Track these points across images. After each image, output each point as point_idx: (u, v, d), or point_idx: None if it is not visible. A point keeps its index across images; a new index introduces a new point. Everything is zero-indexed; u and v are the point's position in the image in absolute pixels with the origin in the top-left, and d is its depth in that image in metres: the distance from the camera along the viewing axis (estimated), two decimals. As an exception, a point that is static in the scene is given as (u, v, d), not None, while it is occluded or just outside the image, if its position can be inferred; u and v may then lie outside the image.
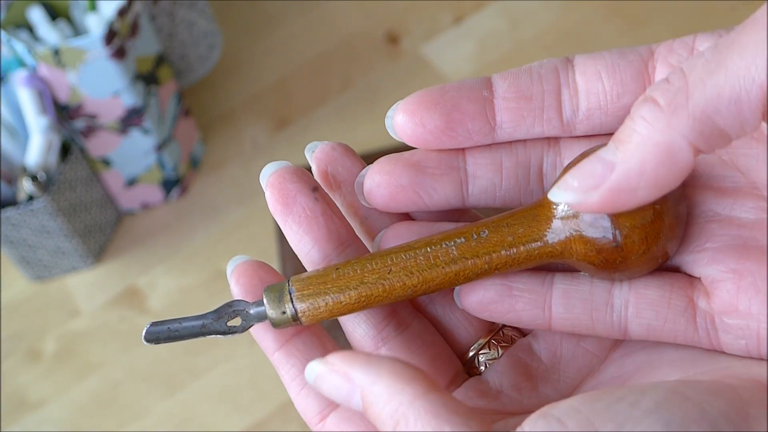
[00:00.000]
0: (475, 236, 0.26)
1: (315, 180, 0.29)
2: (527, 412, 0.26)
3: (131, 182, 0.81)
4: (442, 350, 0.29)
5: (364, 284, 0.27)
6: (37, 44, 0.72)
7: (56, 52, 0.69)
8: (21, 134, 0.74)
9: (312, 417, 0.28)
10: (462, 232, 0.27)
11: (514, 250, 0.26)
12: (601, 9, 0.86)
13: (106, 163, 0.78)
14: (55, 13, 0.75)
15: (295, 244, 0.28)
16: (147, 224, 0.83)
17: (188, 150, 0.83)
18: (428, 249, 0.27)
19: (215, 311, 0.28)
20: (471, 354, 0.29)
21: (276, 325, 0.27)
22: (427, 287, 0.27)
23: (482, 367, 0.29)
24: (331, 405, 0.28)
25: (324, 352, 0.29)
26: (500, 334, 0.29)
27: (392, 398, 0.24)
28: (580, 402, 0.23)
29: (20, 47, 0.70)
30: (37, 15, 0.73)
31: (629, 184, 0.24)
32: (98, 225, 0.80)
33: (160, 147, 0.79)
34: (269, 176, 0.28)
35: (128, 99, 0.73)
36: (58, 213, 0.74)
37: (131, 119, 0.75)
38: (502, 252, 0.26)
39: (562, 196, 0.25)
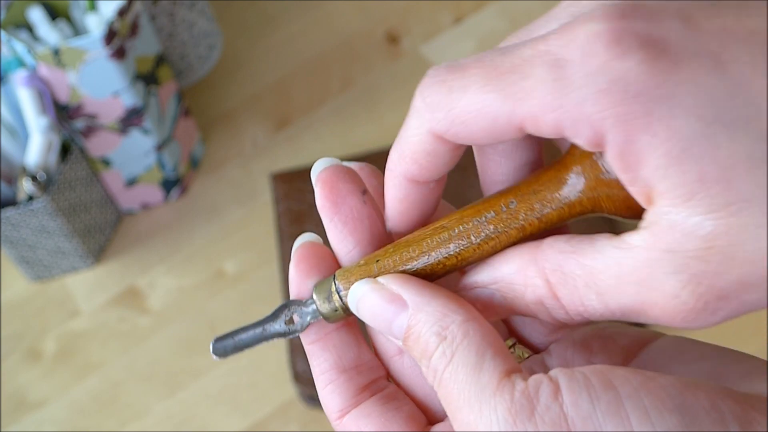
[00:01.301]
0: (504, 208, 0.27)
1: (364, 182, 0.29)
2: None
3: (131, 182, 0.81)
4: None
5: (406, 267, 0.28)
6: (37, 44, 0.72)
7: (56, 52, 0.69)
8: (21, 134, 0.74)
9: (333, 413, 0.29)
10: (491, 205, 0.27)
11: (545, 214, 0.26)
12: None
13: (106, 163, 0.78)
14: (55, 13, 0.75)
15: (337, 242, 0.29)
16: (147, 224, 0.83)
17: (188, 150, 0.83)
18: (461, 228, 0.27)
19: (272, 314, 0.29)
20: None
21: (329, 319, 0.28)
22: (466, 263, 0.27)
23: None
24: (352, 403, 0.29)
25: (359, 352, 0.29)
26: (511, 350, 0.30)
27: (445, 317, 0.26)
28: (603, 367, 0.24)
29: (20, 47, 0.70)
30: (37, 15, 0.73)
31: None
32: (98, 225, 0.80)
33: (160, 147, 0.79)
34: (320, 172, 0.29)
35: (128, 99, 0.73)
36: (58, 213, 0.74)
37: (131, 119, 0.75)
38: (534, 218, 0.26)
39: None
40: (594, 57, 0.23)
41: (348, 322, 0.29)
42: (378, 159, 0.79)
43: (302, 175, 0.78)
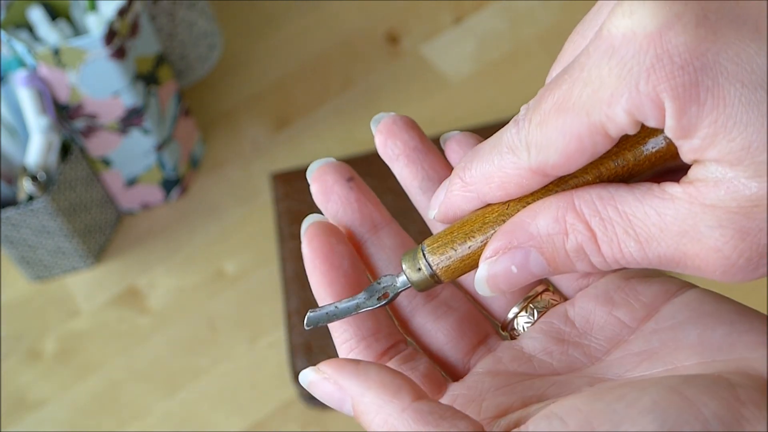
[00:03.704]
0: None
1: (352, 171, 0.32)
2: (557, 374, 0.28)
3: (131, 182, 0.81)
4: (470, 314, 0.31)
5: (486, 224, 0.28)
6: (37, 44, 0.72)
7: (56, 52, 0.69)
8: (21, 134, 0.74)
9: None
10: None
11: (622, 159, 0.27)
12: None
13: (106, 163, 0.78)
14: (55, 13, 0.75)
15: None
16: (147, 224, 0.83)
17: (188, 150, 0.83)
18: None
19: (367, 291, 0.30)
20: (510, 317, 0.31)
21: (418, 286, 0.29)
22: None
23: (521, 329, 0.30)
24: None
25: (376, 320, 0.30)
26: (538, 299, 0.31)
27: (381, 409, 0.26)
28: (583, 401, 0.24)
29: (20, 47, 0.70)
30: (37, 15, 0.73)
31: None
32: (98, 225, 0.80)
33: (160, 147, 0.79)
34: (314, 172, 0.32)
35: (128, 99, 0.73)
36: (58, 213, 0.74)
37: (131, 119, 0.75)
38: (610, 163, 0.27)
39: (483, 289, 0.28)
40: (637, 36, 0.23)
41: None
42: (378, 159, 0.79)
43: (302, 175, 0.78)
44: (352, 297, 0.30)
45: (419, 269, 0.29)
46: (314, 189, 0.32)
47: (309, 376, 0.28)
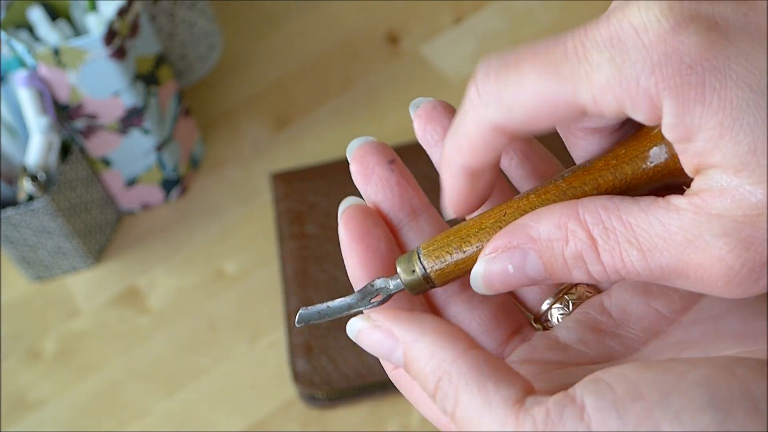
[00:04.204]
0: (581, 166, 0.28)
1: (393, 153, 0.31)
2: (593, 362, 0.28)
3: (131, 182, 0.81)
4: (505, 304, 0.31)
5: (483, 230, 0.28)
6: (37, 44, 0.72)
7: (56, 52, 0.69)
8: (21, 134, 0.74)
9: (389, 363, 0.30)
10: (569, 167, 0.28)
11: (620, 172, 0.27)
12: (601, 9, 0.86)
13: (106, 163, 0.78)
14: (55, 13, 0.75)
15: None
16: (147, 224, 0.83)
17: (188, 150, 0.83)
18: (537, 186, 0.28)
19: (360, 292, 0.30)
20: (544, 308, 0.31)
21: (412, 289, 0.29)
22: None
23: (555, 321, 0.31)
24: None
25: (411, 307, 0.30)
26: (573, 291, 0.31)
27: (434, 355, 0.26)
28: (631, 369, 0.24)
29: (20, 47, 0.70)
30: (37, 15, 0.73)
31: None
32: (98, 225, 0.80)
33: (160, 147, 0.79)
34: (354, 150, 0.31)
35: (128, 99, 0.73)
36: (58, 213, 0.74)
37: (131, 119, 0.75)
38: (609, 175, 0.27)
39: (478, 285, 0.28)
40: (648, 32, 0.23)
41: None
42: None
43: (302, 175, 0.78)
44: (345, 297, 0.30)
45: (413, 271, 0.29)
46: (354, 169, 0.32)
47: (357, 325, 0.28)
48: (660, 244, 0.24)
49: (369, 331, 0.27)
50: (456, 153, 0.28)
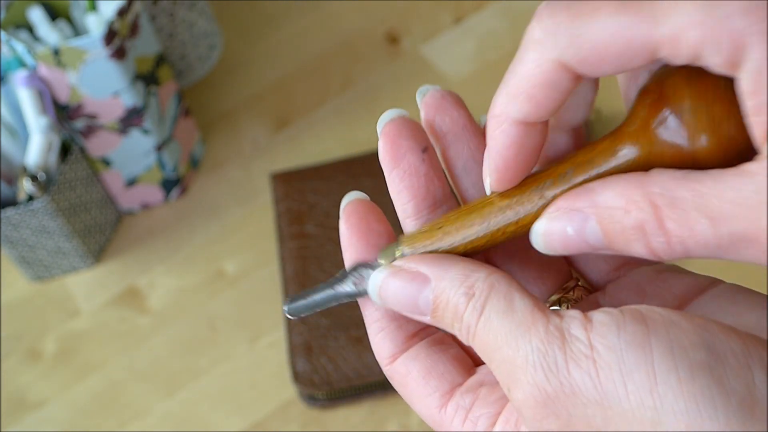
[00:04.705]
0: (562, 176, 0.28)
1: (427, 139, 0.30)
2: None
3: (131, 182, 0.81)
4: None
5: (459, 220, 0.29)
6: (37, 44, 0.72)
7: (56, 52, 0.69)
8: (21, 134, 0.74)
9: (384, 358, 0.30)
10: (549, 174, 0.28)
11: (598, 175, 0.27)
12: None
13: (106, 163, 0.78)
14: (55, 13, 0.75)
15: (394, 194, 0.30)
16: (147, 224, 0.83)
17: (188, 150, 0.83)
18: (520, 196, 0.28)
19: (341, 276, 0.30)
20: None
21: None
22: (525, 230, 0.28)
23: None
24: (402, 348, 0.30)
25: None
26: (572, 292, 0.31)
27: (467, 278, 0.27)
28: (640, 307, 0.25)
29: (20, 47, 0.70)
30: (37, 15, 0.73)
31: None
32: (98, 225, 0.80)
33: (160, 147, 0.79)
34: (385, 124, 0.30)
35: (128, 99, 0.73)
36: (58, 213, 0.74)
37: (131, 119, 0.75)
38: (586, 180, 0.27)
39: (545, 249, 0.27)
40: None
41: None
42: (378, 159, 0.79)
43: (302, 175, 0.78)
44: (327, 282, 0.30)
45: (394, 260, 0.29)
46: (383, 147, 0.30)
47: (380, 275, 0.28)
48: (731, 210, 0.24)
49: (394, 275, 0.27)
50: (507, 101, 0.27)
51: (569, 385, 0.24)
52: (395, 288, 0.28)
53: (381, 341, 0.30)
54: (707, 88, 0.25)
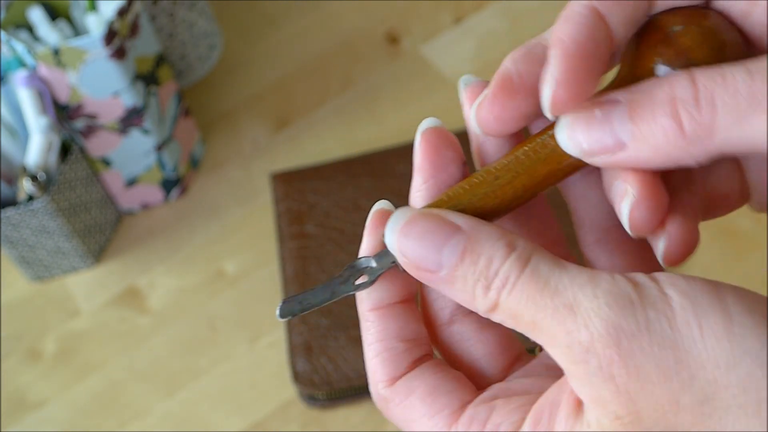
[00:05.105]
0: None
1: (463, 154, 0.30)
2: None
3: (131, 182, 0.81)
4: (508, 333, 0.30)
5: (475, 195, 0.28)
6: (37, 44, 0.72)
7: (56, 52, 0.69)
8: (21, 134, 0.74)
9: (381, 381, 0.29)
10: (553, 125, 0.27)
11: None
12: (601, 9, 0.86)
13: (106, 163, 0.78)
14: (55, 13, 0.75)
15: (417, 198, 0.29)
16: (147, 224, 0.83)
17: (188, 150, 0.83)
18: (526, 148, 0.28)
19: (340, 276, 0.29)
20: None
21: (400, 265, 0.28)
22: (535, 183, 0.28)
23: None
24: (403, 372, 0.29)
25: (417, 328, 0.30)
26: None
27: (506, 234, 0.26)
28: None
29: (20, 47, 0.70)
30: (37, 15, 0.73)
31: (635, 164, 0.25)
32: (98, 225, 0.80)
33: (160, 147, 0.79)
34: (427, 130, 0.30)
35: (128, 99, 0.73)
36: (58, 213, 0.74)
37: (131, 119, 0.75)
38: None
39: (568, 145, 0.26)
40: None
41: (406, 298, 0.30)
42: (378, 159, 0.79)
43: (302, 175, 0.78)
44: (327, 284, 0.29)
45: (392, 263, 0.28)
46: (425, 153, 0.29)
47: (408, 212, 0.27)
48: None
49: (422, 217, 0.27)
50: (573, 22, 0.27)
51: (645, 322, 0.24)
52: (421, 229, 0.26)
53: (380, 363, 0.29)
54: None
